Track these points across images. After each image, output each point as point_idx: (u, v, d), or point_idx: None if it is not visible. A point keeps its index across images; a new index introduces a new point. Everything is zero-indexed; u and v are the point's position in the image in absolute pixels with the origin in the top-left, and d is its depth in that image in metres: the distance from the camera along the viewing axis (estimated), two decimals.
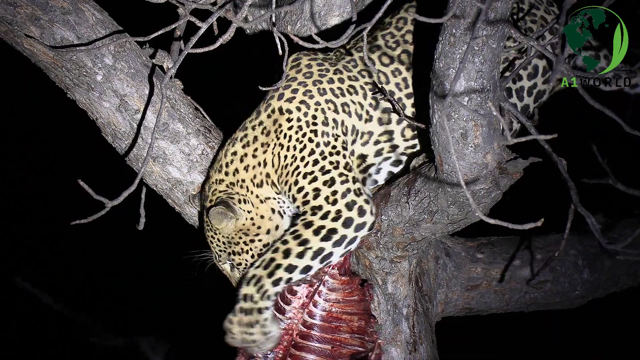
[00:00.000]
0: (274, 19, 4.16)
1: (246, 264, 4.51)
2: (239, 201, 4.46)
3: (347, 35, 3.78)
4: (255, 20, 3.78)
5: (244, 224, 4.46)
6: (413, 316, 4.73)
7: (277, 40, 3.95)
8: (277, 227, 4.51)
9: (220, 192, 4.49)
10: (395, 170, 4.66)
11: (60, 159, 9.41)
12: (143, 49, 4.73)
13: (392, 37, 4.62)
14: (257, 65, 5.06)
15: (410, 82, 4.56)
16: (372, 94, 4.55)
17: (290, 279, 4.24)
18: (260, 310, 4.21)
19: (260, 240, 4.47)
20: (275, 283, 4.22)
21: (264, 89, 4.42)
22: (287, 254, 4.23)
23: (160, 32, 3.92)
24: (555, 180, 4.14)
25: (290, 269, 4.22)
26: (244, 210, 4.46)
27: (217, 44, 3.82)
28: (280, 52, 3.97)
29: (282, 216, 4.52)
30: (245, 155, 4.47)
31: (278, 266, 4.22)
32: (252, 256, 4.48)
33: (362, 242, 4.49)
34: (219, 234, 4.49)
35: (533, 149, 3.96)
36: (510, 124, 4.40)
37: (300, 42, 3.79)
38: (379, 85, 4.51)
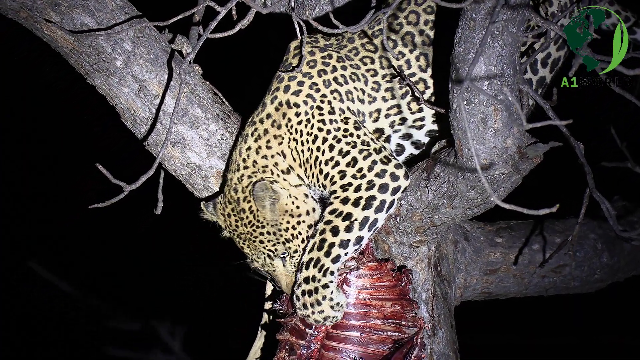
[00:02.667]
0: (292, 4, 4.16)
1: (300, 251, 4.48)
2: (271, 182, 4.46)
3: (366, 20, 3.78)
4: (274, 5, 3.77)
5: (286, 204, 4.45)
6: (432, 301, 4.74)
7: (296, 25, 3.94)
8: (314, 210, 4.52)
9: (246, 187, 4.48)
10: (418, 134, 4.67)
11: (74, 150, 9.43)
12: (162, 34, 4.73)
13: (395, 18, 4.62)
14: (270, 47, 5.06)
15: (413, 63, 4.56)
16: (391, 76, 4.55)
17: (347, 253, 4.30)
18: (325, 286, 4.25)
19: (304, 222, 4.47)
20: (334, 260, 4.27)
21: (282, 72, 4.43)
22: (335, 231, 4.27)
23: (179, 17, 3.92)
24: (576, 164, 4.13)
25: (344, 244, 4.27)
26: (281, 188, 4.46)
27: (236, 29, 3.82)
28: (299, 36, 3.97)
29: (316, 201, 4.54)
30: (260, 147, 4.47)
31: (331, 245, 4.26)
32: (303, 240, 4.47)
33: (381, 227, 4.49)
34: (267, 225, 4.46)
35: (550, 131, 3.95)
36: (527, 102, 4.39)
37: (319, 27, 3.78)
38: (399, 71, 4.52)
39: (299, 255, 4.46)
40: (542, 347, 9.25)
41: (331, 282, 4.26)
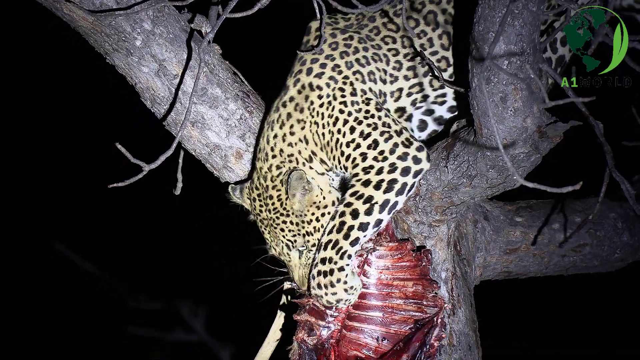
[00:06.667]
0: None
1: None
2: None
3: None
4: None
5: (316, 195, 4.47)
6: (452, 280, 4.74)
7: (315, 5, 3.94)
8: (338, 198, 4.51)
9: (276, 176, 4.48)
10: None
11: (99, 129, 9.48)
12: (181, 14, 4.72)
13: None
14: (290, 27, 5.05)
15: (435, 41, 4.56)
16: (412, 55, 4.55)
17: (365, 236, 4.32)
18: (340, 268, 4.27)
19: (329, 214, 4.46)
20: (353, 243, 4.29)
21: (301, 52, 4.42)
22: (355, 214, 4.28)
23: None
24: (596, 143, 4.12)
25: (363, 227, 4.28)
26: (312, 178, 4.47)
27: (255, 9, 3.82)
28: (318, 16, 3.96)
29: (337, 190, 4.54)
30: (285, 135, 4.48)
31: (351, 227, 4.27)
32: (323, 234, 4.46)
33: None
34: (292, 215, 4.47)
35: (569, 111, 3.94)
36: (546, 81, 4.38)
37: (339, 7, 3.77)
38: (418, 49, 4.52)
39: (316, 250, 4.47)
40: (562, 327, 9.27)
41: (347, 265, 4.27)
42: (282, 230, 4.49)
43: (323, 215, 4.46)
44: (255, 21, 4.59)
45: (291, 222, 4.47)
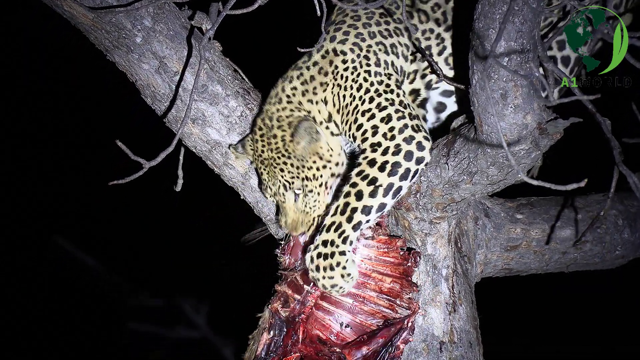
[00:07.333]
0: None
1: (315, 193, 4.50)
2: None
3: None
4: None
5: (321, 147, 4.49)
6: (452, 277, 4.74)
7: (316, 1, 3.93)
8: (343, 164, 4.56)
9: (286, 117, 4.51)
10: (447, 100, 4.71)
11: (100, 126, 9.48)
12: (182, 11, 4.73)
13: None
14: (290, 23, 5.06)
15: (449, 16, 4.61)
16: (429, 33, 4.58)
17: (368, 220, 4.32)
18: (342, 252, 4.27)
19: (330, 169, 4.50)
20: (355, 227, 4.30)
21: (302, 50, 4.42)
22: (359, 196, 4.28)
23: None
24: (594, 140, 4.12)
25: (366, 210, 4.29)
26: (324, 135, 4.50)
27: (256, 5, 3.81)
28: (318, 13, 3.96)
29: (345, 155, 4.58)
30: (307, 91, 4.53)
31: (354, 210, 4.28)
32: (321, 184, 4.49)
33: (401, 203, 4.50)
34: (293, 157, 4.49)
35: (569, 108, 3.94)
36: (553, 79, 4.38)
37: (339, 4, 3.78)
38: (418, 46, 4.53)
39: (312, 196, 4.49)
40: (562, 324, 9.27)
41: (348, 251, 4.29)
42: (282, 170, 4.50)
43: (324, 167, 4.49)
44: (256, 18, 4.59)
45: (292, 165, 4.49)
